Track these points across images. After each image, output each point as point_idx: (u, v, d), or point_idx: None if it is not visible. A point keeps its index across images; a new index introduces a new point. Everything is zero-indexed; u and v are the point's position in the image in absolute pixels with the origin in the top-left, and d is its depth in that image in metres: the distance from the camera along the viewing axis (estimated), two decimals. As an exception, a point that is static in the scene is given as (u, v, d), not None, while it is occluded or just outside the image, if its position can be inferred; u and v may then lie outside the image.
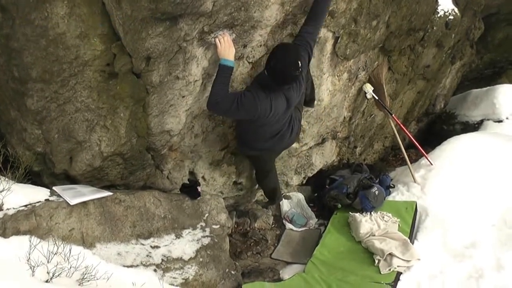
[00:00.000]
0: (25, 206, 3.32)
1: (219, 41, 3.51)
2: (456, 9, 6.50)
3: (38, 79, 3.20)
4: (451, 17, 6.36)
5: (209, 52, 3.61)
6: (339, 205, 5.39)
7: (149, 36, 3.20)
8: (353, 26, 4.58)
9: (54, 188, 3.56)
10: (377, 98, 5.64)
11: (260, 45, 3.92)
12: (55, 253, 2.67)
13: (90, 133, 3.51)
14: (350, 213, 5.17)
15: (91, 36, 3.16)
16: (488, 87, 9.06)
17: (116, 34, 3.22)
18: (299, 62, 3.62)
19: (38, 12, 2.96)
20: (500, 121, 8.18)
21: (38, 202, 3.39)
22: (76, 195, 3.49)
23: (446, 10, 6.30)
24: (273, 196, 5.35)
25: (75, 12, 3.04)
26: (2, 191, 3.23)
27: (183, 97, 3.70)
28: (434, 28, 6.15)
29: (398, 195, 5.64)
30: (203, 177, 4.50)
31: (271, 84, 3.73)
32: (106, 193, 3.66)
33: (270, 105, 3.75)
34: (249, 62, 3.96)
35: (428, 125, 8.73)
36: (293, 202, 5.69)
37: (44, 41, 3.05)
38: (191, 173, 4.41)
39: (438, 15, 6.16)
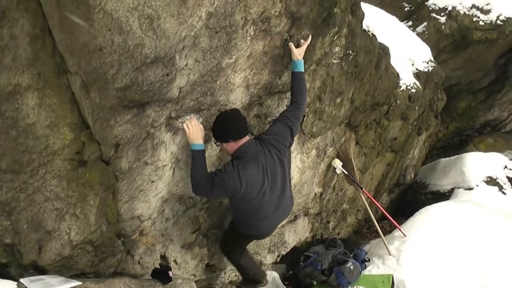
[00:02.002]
0: (-9, 300, 3.24)
1: (187, 126, 3.59)
2: (417, 82, 6.76)
3: (7, 170, 3.19)
4: (413, 90, 6.61)
5: (177, 136, 3.68)
6: (315, 282, 5.34)
7: (118, 123, 3.26)
8: (318, 104, 4.73)
9: (21, 280, 3.47)
10: (346, 173, 5.73)
11: (228, 128, 4.02)
12: None
13: (60, 222, 3.48)
14: (326, 289, 5.14)
15: (61, 126, 3.21)
16: (457, 156, 9.26)
17: (85, 122, 3.28)
18: (238, 112, 3.79)
19: (9, 104, 3.00)
20: (471, 189, 8.32)
21: (4, 295, 3.31)
22: (44, 287, 3.41)
23: (408, 84, 6.55)
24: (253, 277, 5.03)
25: (45, 102, 3.10)
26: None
27: (153, 182, 3.73)
28: (398, 101, 6.37)
29: (374, 269, 5.63)
30: (174, 261, 4.45)
31: (236, 152, 3.80)
32: (75, 283, 3.58)
33: (238, 176, 3.69)
34: (217, 145, 4.04)
35: (399, 195, 8.84)
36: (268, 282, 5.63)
37: (14, 132, 3.08)
38: (163, 257, 4.36)
39: (401, 89, 6.40)
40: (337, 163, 5.64)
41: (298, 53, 3.94)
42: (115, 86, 3.00)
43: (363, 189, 6.02)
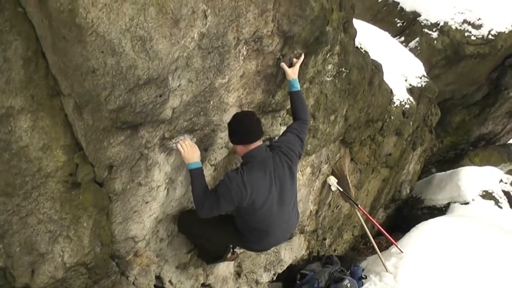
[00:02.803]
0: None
1: (181, 146, 3.56)
2: (411, 98, 6.79)
3: (0, 193, 3.19)
4: (407, 106, 6.64)
5: (171, 157, 3.68)
6: (312, 300, 5.33)
7: (111, 145, 3.25)
8: (312, 122, 4.74)
9: (14, 303, 3.46)
10: (341, 189, 5.73)
11: (222, 147, 4.02)
12: None
13: (53, 244, 3.46)
14: (323, 308, 5.12)
15: (54, 148, 3.20)
16: (452, 170, 9.31)
17: (78, 144, 3.27)
18: (254, 114, 3.73)
19: (2, 126, 2.98)
20: (467, 203, 8.34)
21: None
22: (38, 309, 3.39)
23: (401, 100, 6.58)
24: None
25: (38, 124, 3.09)
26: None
27: (147, 203, 3.72)
28: (392, 117, 6.39)
29: (371, 286, 5.62)
30: (170, 281, 4.42)
31: (247, 161, 3.71)
32: (69, 306, 3.58)
33: (242, 181, 3.57)
34: (211, 165, 4.04)
35: (396, 211, 8.84)
36: (264, 300, 5.61)
37: (7, 155, 3.06)
38: (158, 277, 4.33)
39: (395, 105, 6.42)
40: (332, 180, 5.65)
41: (293, 72, 3.95)
42: (108, 107, 2.99)
43: (359, 205, 6.03)
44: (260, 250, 4.43)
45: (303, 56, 4.03)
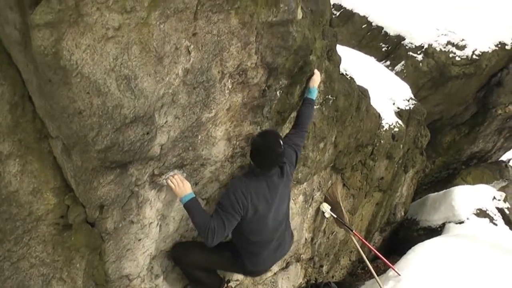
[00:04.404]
0: None
1: (172, 182, 3.56)
2: (400, 121, 6.84)
3: (-10, 240, 3.18)
4: (396, 129, 6.68)
5: (161, 193, 3.68)
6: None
7: (101, 184, 3.25)
8: (301, 150, 4.75)
9: None
10: (335, 216, 5.73)
11: (212, 181, 4.02)
12: None
13: (46, 287, 3.44)
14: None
15: (44, 191, 3.20)
16: (445, 190, 9.34)
17: (68, 186, 3.27)
18: (280, 140, 3.75)
19: (-10, 174, 3.01)
20: (462, 222, 8.35)
21: None
22: None
23: (390, 123, 6.63)
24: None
25: (27, 169, 3.09)
26: None
27: (139, 240, 3.71)
28: (382, 141, 6.43)
29: (370, 311, 5.58)
30: (166, 317, 4.39)
31: (253, 171, 3.83)
32: None
33: (245, 187, 3.70)
34: (202, 199, 4.04)
35: (391, 233, 8.83)
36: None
37: (-4, 201, 3.08)
38: (155, 314, 4.30)
39: (384, 129, 6.47)
40: (326, 207, 5.65)
41: (314, 80, 4.25)
42: (96, 148, 3.00)
43: (354, 231, 6.01)
44: (255, 271, 4.34)
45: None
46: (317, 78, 4.28)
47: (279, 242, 4.14)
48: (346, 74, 5.50)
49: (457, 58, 9.74)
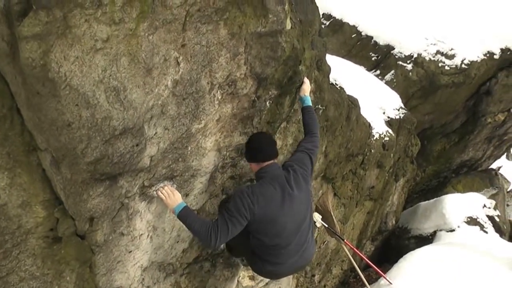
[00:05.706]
0: None
1: (162, 194, 3.55)
2: (390, 130, 6.87)
3: (-21, 254, 3.15)
4: (386, 138, 6.71)
5: (152, 205, 3.66)
6: None
7: (91, 197, 3.23)
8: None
9: None
10: (326, 225, 5.73)
11: (202, 192, 4.02)
12: None
13: (36, 301, 3.42)
14: None
15: (33, 204, 3.17)
16: (436, 198, 9.39)
17: (58, 198, 3.25)
18: (268, 134, 3.93)
19: (-22, 186, 2.99)
20: (453, 230, 8.39)
21: None
22: None
23: (380, 133, 6.66)
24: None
25: (16, 182, 3.07)
26: None
27: (130, 252, 3.69)
28: (372, 150, 6.45)
29: (362, 320, 5.57)
30: (158, 330, 4.36)
31: (257, 178, 3.85)
32: None
33: (251, 192, 3.64)
34: (193, 210, 4.03)
35: (383, 242, 8.85)
36: None
37: (-15, 214, 3.05)
38: (146, 327, 4.28)
39: (374, 138, 6.50)
40: (317, 217, 5.65)
41: (304, 89, 4.26)
42: (85, 160, 2.99)
43: (345, 240, 6.01)
44: (275, 273, 4.25)
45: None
46: (306, 87, 4.29)
47: (300, 245, 3.99)
48: (336, 84, 5.53)
49: (446, 68, 9.81)
